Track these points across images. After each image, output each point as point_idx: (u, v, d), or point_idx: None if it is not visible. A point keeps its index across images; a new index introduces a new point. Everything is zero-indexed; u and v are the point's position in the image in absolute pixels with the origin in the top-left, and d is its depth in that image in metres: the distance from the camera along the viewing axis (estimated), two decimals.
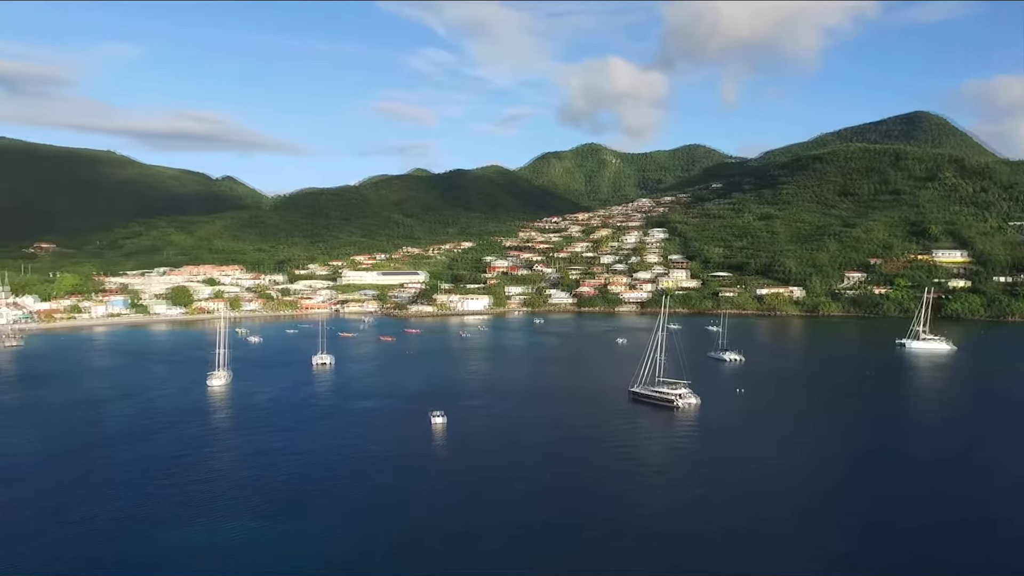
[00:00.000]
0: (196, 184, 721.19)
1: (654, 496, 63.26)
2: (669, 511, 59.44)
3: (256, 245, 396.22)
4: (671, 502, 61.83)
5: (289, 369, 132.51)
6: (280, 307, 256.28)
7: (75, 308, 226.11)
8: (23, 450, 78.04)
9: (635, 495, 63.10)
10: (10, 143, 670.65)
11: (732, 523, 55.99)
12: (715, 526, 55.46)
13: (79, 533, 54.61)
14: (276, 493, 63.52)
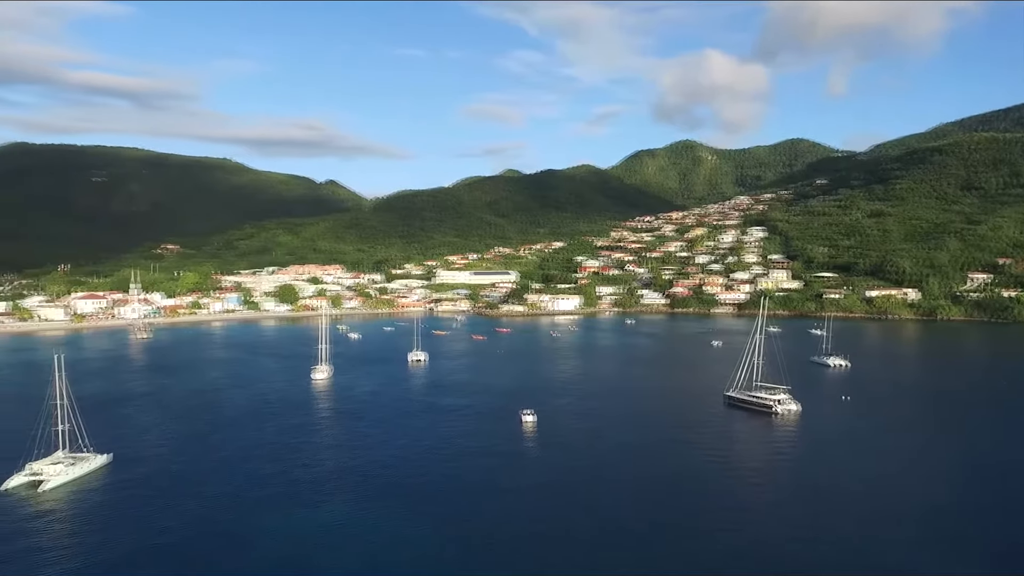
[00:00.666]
0: (302, 188, 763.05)
1: (749, 505, 60.91)
2: (765, 522, 57.00)
3: (356, 246, 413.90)
4: (768, 513, 59.33)
5: (386, 365, 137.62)
6: (378, 305, 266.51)
7: (196, 304, 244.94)
8: (153, 431, 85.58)
9: (728, 503, 60.99)
10: (142, 154, 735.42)
11: (836, 541, 52.93)
12: (817, 543, 52.66)
13: (195, 508, 59.30)
14: (373, 481, 66.29)
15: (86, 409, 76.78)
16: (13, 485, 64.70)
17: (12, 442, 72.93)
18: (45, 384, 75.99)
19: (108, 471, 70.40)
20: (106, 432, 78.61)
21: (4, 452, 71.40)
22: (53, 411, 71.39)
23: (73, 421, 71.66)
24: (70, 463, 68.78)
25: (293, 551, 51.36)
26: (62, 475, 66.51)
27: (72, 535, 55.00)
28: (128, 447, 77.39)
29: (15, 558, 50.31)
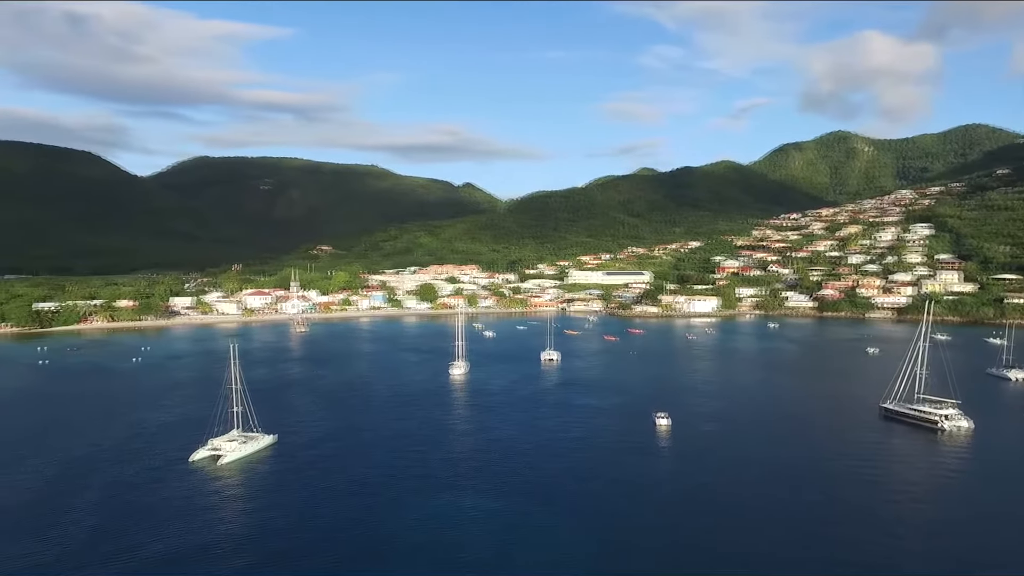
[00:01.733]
0: (441, 191, 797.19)
1: (908, 531, 55.86)
2: (929, 551, 52.05)
3: (491, 246, 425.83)
4: (932, 541, 54.12)
5: (519, 363, 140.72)
6: (511, 304, 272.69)
7: (346, 301, 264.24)
8: (311, 417, 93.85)
9: (884, 526, 56.24)
10: (301, 163, 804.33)
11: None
12: None
13: (346, 488, 64.42)
14: (506, 475, 68.37)
15: (255, 393, 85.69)
16: (198, 457, 73.95)
17: (198, 420, 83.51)
18: (223, 370, 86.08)
19: (274, 450, 78.29)
20: (272, 415, 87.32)
21: (192, 428, 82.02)
22: (229, 394, 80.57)
23: (245, 404, 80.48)
24: (243, 441, 77.39)
25: (431, 534, 54.37)
26: (236, 451, 75.02)
27: (244, 503, 62.03)
28: (290, 430, 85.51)
29: (199, 517, 57.63)
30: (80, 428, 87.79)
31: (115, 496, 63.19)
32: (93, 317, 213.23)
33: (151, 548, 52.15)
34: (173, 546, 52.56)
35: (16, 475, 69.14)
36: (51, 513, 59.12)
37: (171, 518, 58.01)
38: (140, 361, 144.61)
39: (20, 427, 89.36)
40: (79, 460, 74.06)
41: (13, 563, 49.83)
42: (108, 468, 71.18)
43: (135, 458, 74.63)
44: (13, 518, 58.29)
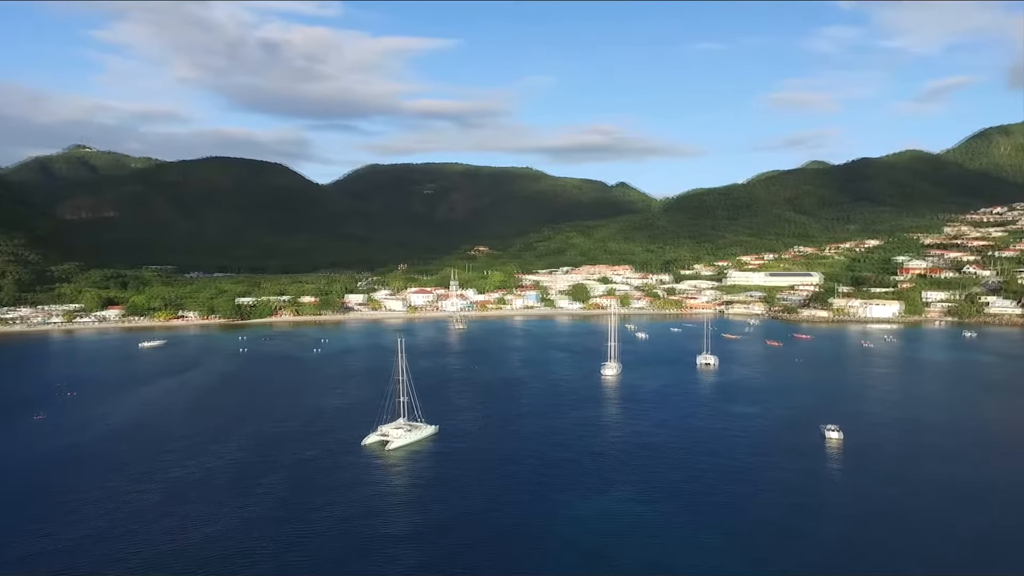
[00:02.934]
0: (594, 192, 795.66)
1: None
2: None
3: (645, 246, 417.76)
4: None
5: (673, 366, 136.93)
6: (665, 305, 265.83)
7: (501, 300, 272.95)
8: (469, 411, 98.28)
9: None
10: (461, 167, 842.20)
11: None
12: None
13: (500, 481, 66.72)
14: (658, 480, 66.99)
15: (418, 385, 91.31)
16: (369, 442, 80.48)
17: (369, 407, 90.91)
18: (390, 363, 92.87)
19: (435, 440, 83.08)
20: (433, 406, 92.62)
21: (364, 415, 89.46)
22: (396, 385, 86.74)
23: (411, 395, 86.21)
24: (408, 429, 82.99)
25: (583, 532, 54.75)
26: (403, 439, 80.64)
27: (408, 487, 66.60)
28: (450, 421, 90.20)
29: (369, 497, 62.75)
30: (271, 410, 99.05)
31: (299, 472, 70.65)
32: (282, 311, 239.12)
33: (328, 520, 57.72)
34: (345, 520, 57.74)
35: (224, 447, 79.66)
36: (249, 482, 67.42)
37: (345, 495, 63.75)
38: (320, 352, 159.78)
39: (226, 406, 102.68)
40: (270, 438, 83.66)
41: (222, 522, 57.55)
42: (293, 446, 79.68)
43: (315, 439, 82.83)
44: (222, 483, 67.24)
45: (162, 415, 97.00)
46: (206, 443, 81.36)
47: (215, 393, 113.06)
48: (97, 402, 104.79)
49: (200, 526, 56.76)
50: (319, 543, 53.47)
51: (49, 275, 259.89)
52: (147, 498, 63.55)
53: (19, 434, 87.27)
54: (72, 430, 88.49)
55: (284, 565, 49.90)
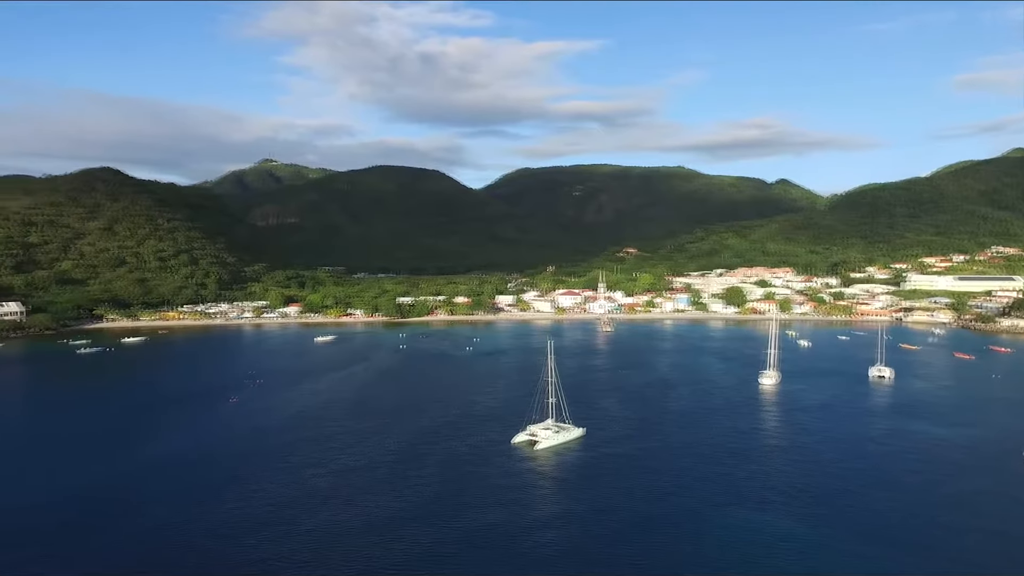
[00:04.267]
0: (752, 190, 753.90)
1: None
2: None
3: (808, 247, 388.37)
4: None
5: (841, 378, 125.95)
6: (832, 311, 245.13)
7: (650, 303, 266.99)
8: (616, 415, 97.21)
9: None
10: (609, 169, 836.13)
11: None
12: None
13: (645, 489, 65.16)
14: (823, 503, 61.91)
15: (566, 387, 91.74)
16: (517, 441, 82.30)
17: (517, 407, 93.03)
18: (539, 364, 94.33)
19: (582, 442, 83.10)
20: (581, 408, 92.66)
21: (512, 414, 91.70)
22: (545, 386, 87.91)
23: (559, 396, 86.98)
24: (556, 430, 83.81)
25: (737, 553, 51.94)
26: (551, 439, 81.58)
27: (554, 488, 67.18)
28: (597, 424, 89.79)
29: (516, 495, 64.12)
30: (426, 405, 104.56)
31: (451, 466, 73.89)
32: (438, 310, 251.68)
33: (477, 515, 59.77)
34: (493, 516, 59.46)
35: (384, 438, 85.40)
36: (405, 474, 71.68)
37: (494, 492, 65.69)
38: (471, 350, 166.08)
39: (386, 400, 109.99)
40: (425, 432, 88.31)
41: (381, 509, 61.73)
42: (445, 442, 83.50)
43: (466, 435, 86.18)
44: (381, 473, 72.12)
45: (331, 405, 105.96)
46: (368, 433, 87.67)
47: (377, 387, 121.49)
48: (279, 390, 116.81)
49: (362, 512, 61.25)
50: (469, 537, 55.55)
51: (243, 275, 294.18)
52: (318, 481, 69.71)
53: (218, 415, 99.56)
54: (258, 414, 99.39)
55: (437, 557, 52.45)
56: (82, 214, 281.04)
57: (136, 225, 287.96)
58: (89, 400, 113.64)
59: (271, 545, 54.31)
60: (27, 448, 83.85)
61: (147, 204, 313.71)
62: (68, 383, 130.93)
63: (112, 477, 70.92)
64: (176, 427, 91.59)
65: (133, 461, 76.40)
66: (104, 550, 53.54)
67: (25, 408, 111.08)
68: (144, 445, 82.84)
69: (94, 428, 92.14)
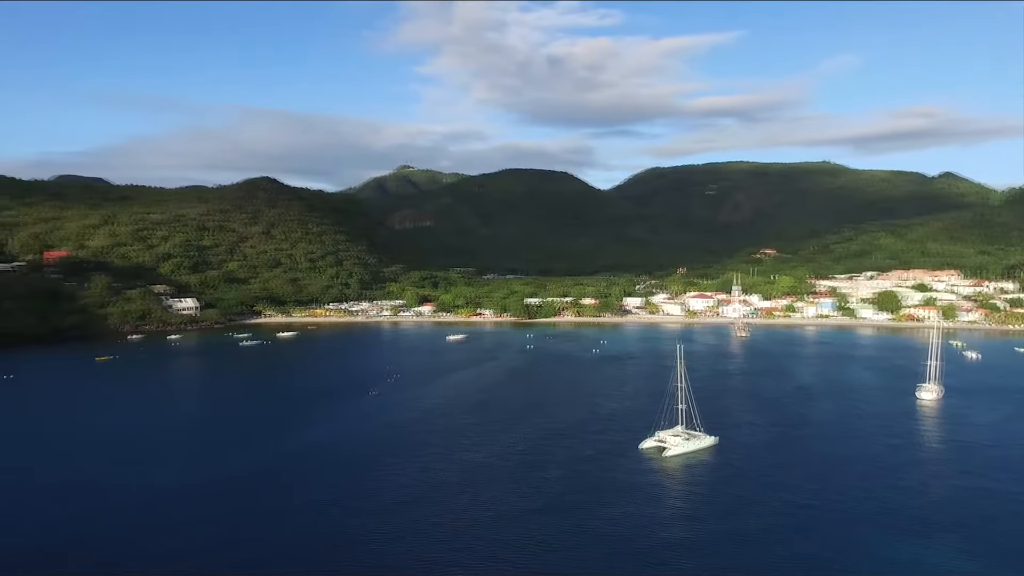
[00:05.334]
0: (909, 185, 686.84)
1: None
2: None
3: (979, 247, 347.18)
4: None
5: (1019, 395, 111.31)
6: (1007, 320, 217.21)
7: (790, 308, 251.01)
8: (751, 425, 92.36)
9: None
10: (746, 166, 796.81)
11: None
12: None
13: (777, 506, 61.17)
14: (1001, 543, 54.95)
15: (696, 393, 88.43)
16: (645, 447, 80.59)
17: (644, 412, 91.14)
18: (668, 368, 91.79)
19: (713, 452, 79.76)
20: (712, 416, 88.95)
21: (638, 419, 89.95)
22: (675, 391, 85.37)
23: (689, 402, 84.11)
24: (686, 438, 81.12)
25: None
26: (680, 446, 79.09)
27: (685, 496, 64.94)
28: (730, 434, 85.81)
29: (643, 502, 62.71)
30: (551, 406, 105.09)
31: (575, 469, 73.69)
32: (565, 312, 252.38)
33: (601, 519, 59.15)
34: (616, 519, 58.53)
35: (510, 437, 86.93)
36: (530, 473, 72.44)
37: (620, 496, 64.70)
38: (598, 353, 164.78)
39: (513, 399, 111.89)
40: (550, 432, 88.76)
41: (505, 506, 62.81)
42: (571, 443, 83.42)
43: (591, 438, 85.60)
44: (507, 471, 73.41)
45: (461, 401, 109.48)
46: (495, 432, 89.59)
47: (504, 386, 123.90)
48: (413, 386, 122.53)
49: (488, 507, 62.68)
50: (593, 541, 55.12)
51: (382, 275, 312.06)
52: (446, 475, 72.26)
53: (361, 406, 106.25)
54: (395, 407, 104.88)
55: (562, 556, 52.55)
56: (245, 220, 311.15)
57: (290, 229, 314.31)
58: (250, 389, 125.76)
59: (402, 536, 57.01)
60: (200, 431, 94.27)
61: (299, 210, 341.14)
62: (233, 373, 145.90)
63: (270, 459, 77.87)
64: (324, 417, 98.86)
65: (288, 446, 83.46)
66: (264, 520, 58.88)
67: (200, 395, 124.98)
68: (297, 432, 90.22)
69: (255, 414, 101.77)
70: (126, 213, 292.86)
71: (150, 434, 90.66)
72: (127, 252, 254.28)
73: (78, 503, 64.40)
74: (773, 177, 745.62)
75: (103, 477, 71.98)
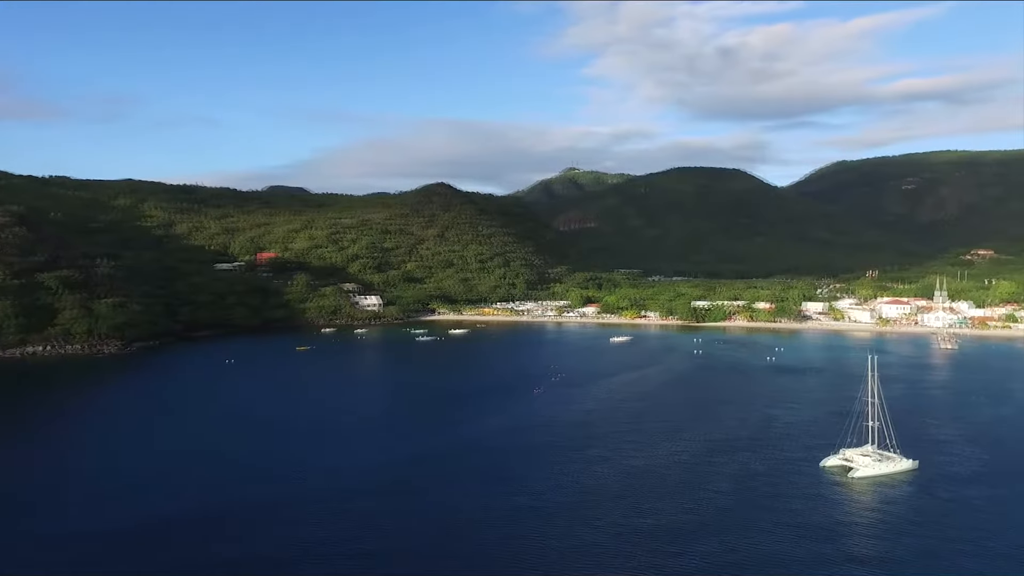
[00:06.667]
0: None
1: None
2: None
3: None
4: None
5: None
6: None
7: (1010, 317, 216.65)
8: (958, 453, 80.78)
9: None
10: (952, 155, 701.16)
11: None
12: None
13: (1000, 555, 52.72)
14: None
15: (891, 410, 79.25)
16: (828, 465, 73.79)
17: (826, 426, 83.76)
18: (855, 380, 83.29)
19: (912, 477, 70.92)
20: (910, 439, 79.03)
21: (818, 434, 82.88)
22: (864, 407, 77.21)
23: (882, 420, 75.59)
24: (877, 459, 72.98)
25: None
26: (870, 468, 71.34)
27: (875, 524, 58.34)
28: (933, 459, 75.84)
29: (825, 525, 57.30)
30: (720, 415, 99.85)
31: (745, 484, 69.18)
32: (736, 316, 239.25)
33: (771, 539, 54.95)
34: (791, 542, 53.98)
35: (674, 445, 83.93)
36: (695, 485, 69.26)
37: (797, 517, 59.69)
38: (773, 361, 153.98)
39: (677, 406, 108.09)
40: (718, 443, 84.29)
41: (666, 517, 60.70)
42: (741, 456, 78.56)
43: (764, 452, 79.99)
44: (670, 481, 70.80)
45: (622, 406, 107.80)
46: (658, 438, 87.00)
47: (670, 391, 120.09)
48: (576, 386, 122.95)
49: (648, 516, 60.82)
50: (765, 564, 51.41)
51: (547, 276, 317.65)
52: (607, 479, 71.30)
53: (528, 403, 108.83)
54: (558, 406, 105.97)
55: None
56: (422, 223, 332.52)
57: (462, 232, 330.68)
58: (425, 381, 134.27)
59: (564, 536, 57.30)
60: (383, 418, 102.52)
61: (471, 213, 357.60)
62: (411, 365, 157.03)
63: (437, 448, 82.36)
64: (490, 411, 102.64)
65: (455, 437, 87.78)
66: (424, 502, 62.52)
67: (383, 384, 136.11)
68: (464, 424, 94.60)
69: (428, 406, 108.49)
70: (322, 219, 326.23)
71: (342, 418, 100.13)
72: (323, 254, 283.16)
73: (319, 471, 72.58)
74: (988, 167, 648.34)
75: (336, 455, 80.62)
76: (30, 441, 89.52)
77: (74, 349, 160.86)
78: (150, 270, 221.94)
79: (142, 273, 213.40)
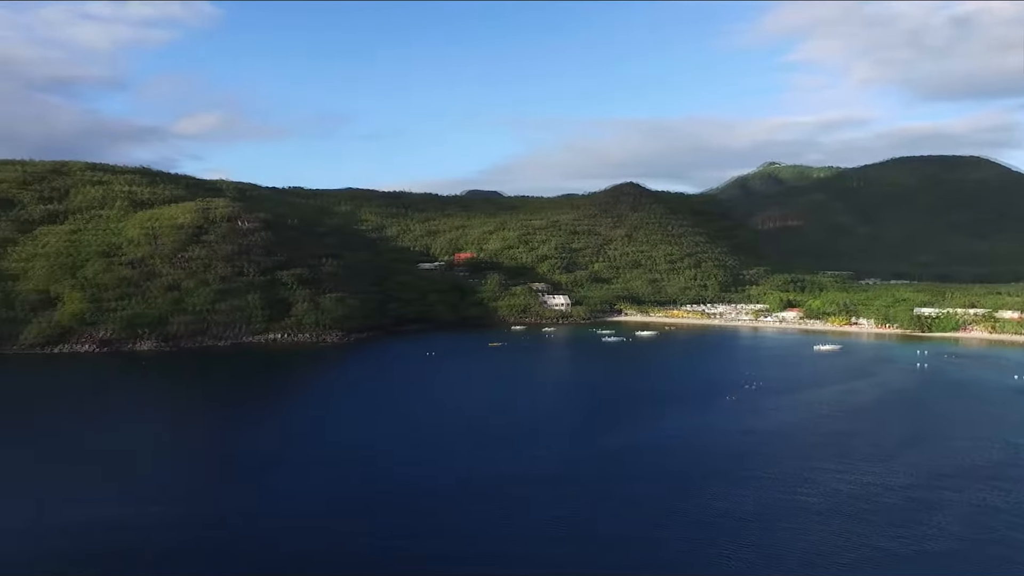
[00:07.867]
0: None
1: None
2: None
3: None
4: None
5: None
6: None
7: None
8: None
9: None
10: None
11: None
12: None
13: None
14: None
15: None
16: None
17: None
18: None
19: None
20: None
21: None
22: None
23: None
24: None
25: None
26: None
27: None
28: None
29: None
30: (947, 439, 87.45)
31: (979, 521, 59.90)
32: (973, 326, 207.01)
33: None
34: None
35: (887, 468, 75.15)
36: (912, 515, 61.37)
37: None
38: (1021, 379, 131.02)
39: (892, 425, 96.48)
40: (946, 472, 73.84)
41: (871, 549, 54.53)
42: (976, 487, 68.27)
43: (1006, 487, 68.64)
44: (881, 508, 63.54)
45: (825, 420, 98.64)
46: (869, 458, 78.55)
47: (883, 408, 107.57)
48: (773, 395, 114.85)
49: (856, 547, 55.09)
50: None
51: (742, 278, 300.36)
52: (808, 499, 65.74)
53: (716, 411, 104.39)
54: (753, 416, 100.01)
55: None
56: (610, 223, 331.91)
57: (650, 232, 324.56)
58: (614, 382, 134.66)
59: (766, 556, 54.17)
60: (572, 415, 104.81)
61: (660, 213, 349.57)
62: (598, 366, 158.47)
63: (617, 450, 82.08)
64: (679, 415, 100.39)
65: (637, 440, 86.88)
66: (591, 501, 62.72)
67: (571, 383, 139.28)
68: (647, 428, 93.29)
69: (613, 408, 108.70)
70: (514, 220, 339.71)
71: (537, 415, 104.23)
72: (514, 254, 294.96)
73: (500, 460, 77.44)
74: None
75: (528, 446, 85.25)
76: (289, 413, 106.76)
77: (304, 337, 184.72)
78: (365, 269, 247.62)
79: (359, 272, 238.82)
